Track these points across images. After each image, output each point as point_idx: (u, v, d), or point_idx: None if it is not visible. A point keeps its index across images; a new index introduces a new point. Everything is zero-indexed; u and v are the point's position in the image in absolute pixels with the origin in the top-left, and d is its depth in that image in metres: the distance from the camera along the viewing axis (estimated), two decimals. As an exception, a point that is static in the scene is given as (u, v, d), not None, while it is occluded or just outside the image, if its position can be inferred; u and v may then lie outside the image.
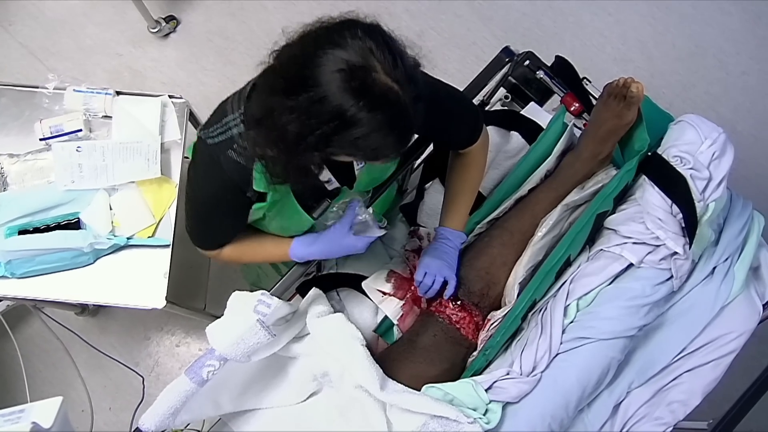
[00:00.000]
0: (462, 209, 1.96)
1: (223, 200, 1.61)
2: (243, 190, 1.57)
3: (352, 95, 1.23)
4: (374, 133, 1.28)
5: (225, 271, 3.23)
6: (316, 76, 1.24)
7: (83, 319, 3.13)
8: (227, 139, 1.49)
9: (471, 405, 1.76)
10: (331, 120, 1.25)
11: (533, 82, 2.29)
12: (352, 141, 1.29)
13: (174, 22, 3.64)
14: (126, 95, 2.35)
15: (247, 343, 1.64)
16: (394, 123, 1.30)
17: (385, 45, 1.28)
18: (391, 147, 1.35)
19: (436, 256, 1.91)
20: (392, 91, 1.27)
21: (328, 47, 1.25)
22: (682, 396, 1.94)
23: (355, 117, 1.25)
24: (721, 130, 1.99)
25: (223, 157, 1.50)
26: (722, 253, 2.03)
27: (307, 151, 1.33)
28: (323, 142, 1.30)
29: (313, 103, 1.25)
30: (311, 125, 1.27)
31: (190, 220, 1.73)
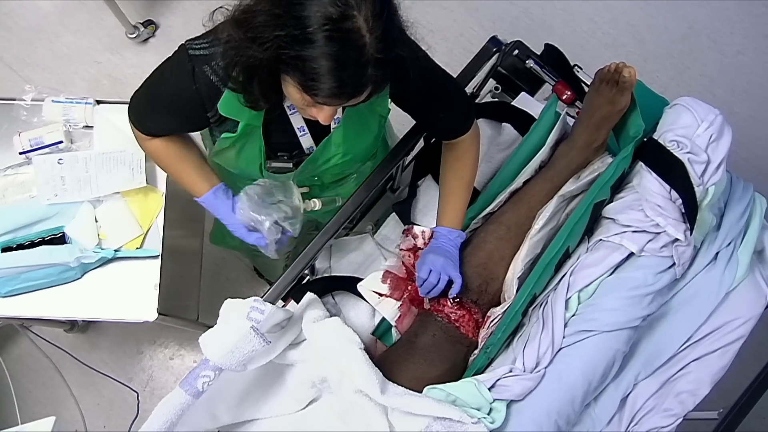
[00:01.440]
0: (458, 207, 1.97)
1: (178, 103, 1.66)
2: (204, 107, 1.62)
3: (323, 18, 1.26)
4: (322, 60, 1.29)
5: (217, 280, 3.23)
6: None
7: (73, 335, 3.13)
8: (208, 54, 1.54)
9: (474, 405, 1.76)
10: (293, 26, 1.27)
11: (523, 71, 2.29)
12: (298, 56, 1.30)
13: (152, 26, 3.64)
14: (107, 104, 2.34)
15: (242, 352, 1.64)
16: (344, 64, 1.31)
17: (379, 3, 1.31)
18: (332, 88, 1.34)
19: (439, 253, 1.91)
20: (359, 35, 1.29)
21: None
22: (690, 386, 1.94)
23: (313, 36, 1.27)
24: (717, 111, 1.99)
25: (198, 70, 1.55)
26: (725, 238, 2.04)
27: (261, 46, 1.33)
28: (277, 45, 1.31)
29: (291, 18, 1.27)
30: (276, 23, 1.29)
31: (138, 94, 1.76)
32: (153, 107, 1.75)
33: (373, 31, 1.29)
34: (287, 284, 1.88)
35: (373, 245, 2.20)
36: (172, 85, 1.63)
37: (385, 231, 2.24)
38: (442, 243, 1.94)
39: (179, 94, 1.62)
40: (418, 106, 1.78)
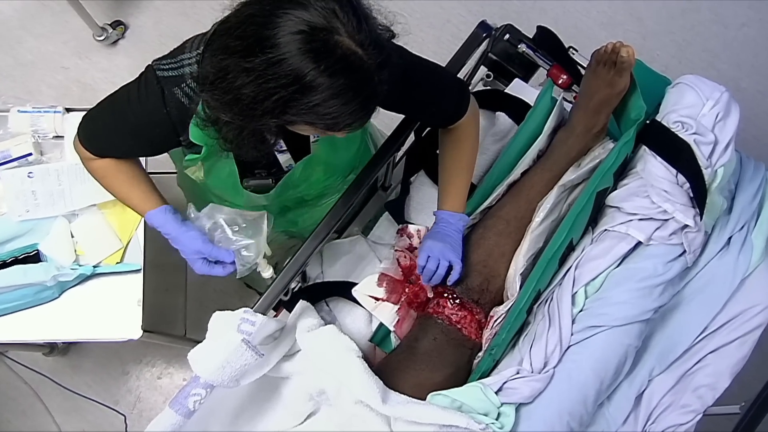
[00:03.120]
0: (460, 189, 1.96)
1: (146, 127, 1.64)
2: (176, 131, 1.61)
3: (312, 58, 1.25)
4: (334, 99, 1.29)
5: (204, 292, 3.23)
6: (274, 37, 1.25)
7: (53, 359, 3.12)
8: (178, 75, 1.53)
9: (481, 410, 1.76)
10: (289, 84, 1.26)
11: (515, 57, 2.30)
12: (311, 107, 1.30)
13: (121, 27, 3.63)
14: (77, 111, 2.34)
15: (234, 366, 1.65)
16: (356, 89, 1.31)
17: (349, 6, 1.30)
18: (353, 115, 1.36)
19: (438, 239, 1.91)
20: (355, 55, 1.29)
21: (288, 6, 1.26)
22: (708, 379, 1.95)
23: (314, 82, 1.26)
24: (723, 88, 2.00)
25: (168, 93, 1.54)
26: (737, 222, 2.05)
27: (264, 116, 1.34)
28: (280, 108, 1.31)
29: (270, 66, 1.26)
30: (268, 89, 1.28)
31: (95, 115, 1.73)
32: (114, 130, 1.71)
33: (362, 41, 1.29)
34: (278, 293, 1.88)
35: (366, 247, 2.20)
36: (139, 109, 1.61)
37: (379, 231, 2.25)
38: (441, 228, 1.94)
39: (148, 117, 1.61)
40: (409, 104, 1.79)
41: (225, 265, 1.74)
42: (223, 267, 1.74)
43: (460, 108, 1.88)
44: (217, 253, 1.72)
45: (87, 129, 1.75)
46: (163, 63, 1.56)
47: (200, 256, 1.73)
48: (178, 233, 1.74)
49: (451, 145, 1.95)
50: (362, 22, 1.30)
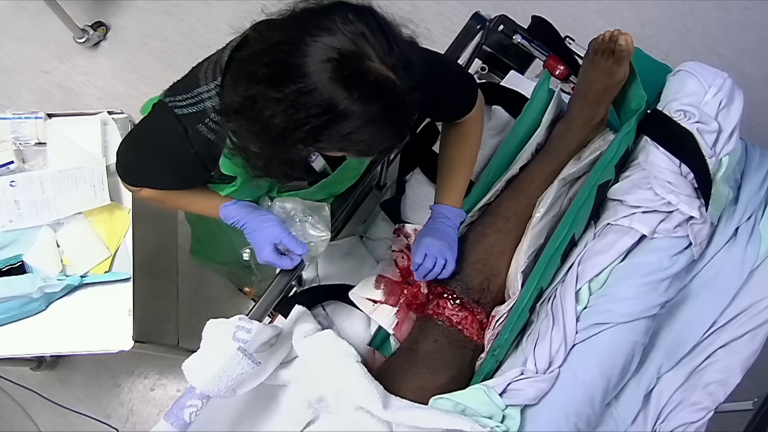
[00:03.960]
0: (459, 184, 1.97)
1: (174, 167, 1.64)
2: (206, 168, 1.59)
3: (343, 86, 1.25)
4: (368, 126, 1.29)
5: (196, 299, 3.23)
6: (303, 66, 1.25)
7: (41, 373, 3.12)
8: (199, 111, 1.50)
9: (486, 413, 1.77)
10: (321, 114, 1.26)
11: (510, 48, 2.31)
12: (344, 135, 1.30)
13: (103, 28, 3.62)
14: (59, 117, 2.34)
15: (230, 376, 1.65)
16: (390, 115, 1.31)
17: (378, 29, 1.30)
18: (388, 140, 1.36)
19: (436, 236, 1.91)
20: (388, 80, 1.28)
21: (316, 33, 1.26)
22: (719, 375, 1.95)
23: (347, 110, 1.26)
24: (726, 75, 2.01)
25: (192, 132, 1.52)
26: (744, 212, 2.06)
27: (294, 146, 1.34)
28: (312, 137, 1.31)
29: (301, 95, 1.25)
30: (299, 119, 1.28)
31: (126, 156, 1.74)
32: (148, 171, 1.72)
33: (393, 65, 1.29)
34: (273, 298, 1.88)
35: (362, 249, 2.21)
36: (164, 151, 1.61)
37: (375, 232, 2.26)
38: (439, 224, 1.94)
39: (175, 159, 1.60)
40: (423, 101, 1.80)
41: (293, 257, 1.75)
42: (291, 259, 1.75)
43: (469, 103, 1.89)
44: (294, 244, 1.72)
45: (123, 168, 1.77)
46: (179, 100, 1.52)
47: (274, 243, 1.73)
48: (257, 220, 1.75)
49: (456, 138, 1.95)
50: (393, 44, 1.30)
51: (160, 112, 1.57)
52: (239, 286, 3.13)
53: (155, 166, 1.68)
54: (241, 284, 2.99)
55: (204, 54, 1.55)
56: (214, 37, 3.53)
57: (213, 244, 2.26)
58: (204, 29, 3.65)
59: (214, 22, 3.64)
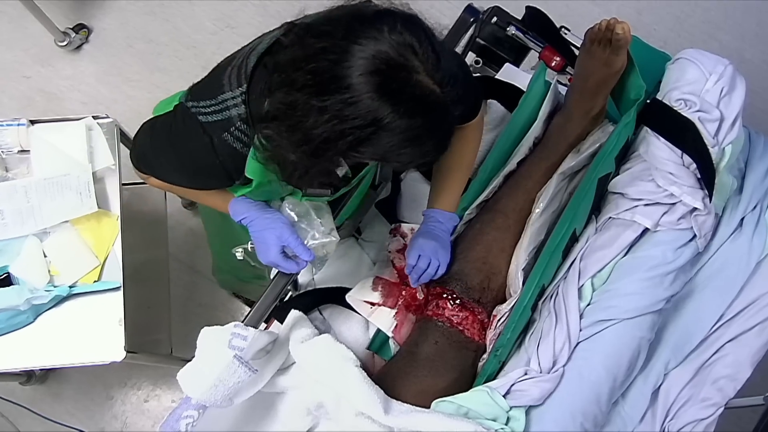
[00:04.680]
0: (455, 188, 1.98)
1: (198, 175, 1.65)
2: (231, 177, 1.60)
3: (389, 100, 1.25)
4: (412, 140, 1.30)
5: (189, 307, 3.23)
6: (349, 76, 1.24)
7: (31, 388, 3.12)
8: (224, 119, 1.50)
9: (489, 415, 1.78)
10: (365, 126, 1.26)
11: (505, 40, 2.31)
12: (387, 148, 1.30)
13: (85, 31, 3.62)
14: (43, 123, 2.33)
15: (227, 385, 1.65)
16: (433, 129, 1.32)
17: (427, 41, 1.30)
18: (428, 154, 1.37)
19: (430, 237, 1.92)
20: (434, 95, 1.29)
21: (363, 42, 1.26)
22: (728, 370, 1.96)
23: (392, 124, 1.26)
24: (726, 61, 2.01)
25: (218, 141, 1.51)
26: (749, 201, 2.07)
27: (334, 156, 1.34)
28: (353, 147, 1.31)
29: (345, 106, 1.25)
30: (342, 130, 1.27)
31: (147, 148, 1.73)
32: (163, 168, 1.72)
33: (440, 79, 1.30)
34: (269, 304, 1.88)
35: (358, 250, 2.21)
36: (187, 159, 1.61)
37: (371, 233, 2.26)
38: (431, 227, 1.95)
39: (197, 167, 1.61)
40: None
41: (300, 262, 1.75)
42: (298, 263, 1.75)
43: (475, 108, 1.89)
44: (302, 249, 1.72)
45: (138, 158, 1.77)
46: (203, 106, 1.52)
47: (281, 245, 1.73)
48: (266, 220, 1.74)
49: (454, 143, 1.92)
50: (440, 58, 1.30)
51: (183, 119, 1.56)
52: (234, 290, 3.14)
53: (175, 167, 1.68)
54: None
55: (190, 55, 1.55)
56: (200, 37, 3.54)
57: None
58: (189, 29, 3.63)
59: (200, 21, 3.63)
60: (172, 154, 1.64)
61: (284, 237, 1.72)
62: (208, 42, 3.53)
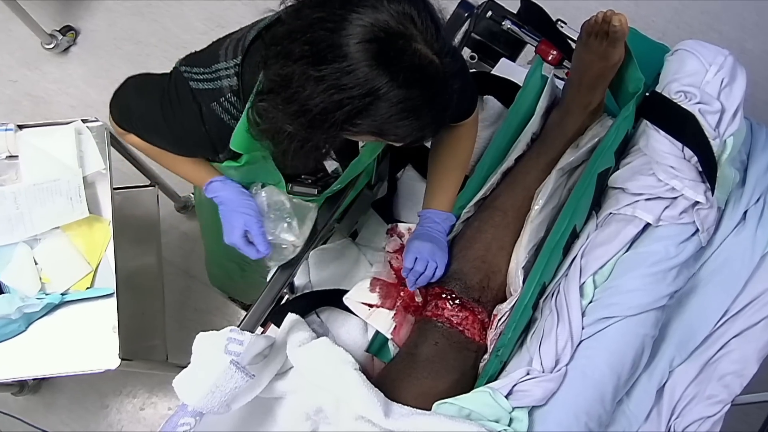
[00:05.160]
0: (450, 188, 1.99)
1: (182, 141, 1.66)
2: (215, 149, 1.61)
3: (387, 69, 1.26)
4: (409, 111, 1.31)
5: (184, 312, 3.23)
6: (347, 44, 1.25)
7: (23, 398, 3.12)
8: (215, 89, 1.51)
9: (492, 417, 1.78)
10: (363, 95, 1.27)
11: (500, 35, 2.31)
12: (384, 119, 1.31)
13: (72, 33, 3.63)
14: (31, 128, 2.33)
15: (224, 391, 1.65)
16: (432, 101, 1.33)
17: (426, 11, 1.31)
18: (426, 127, 1.38)
19: (426, 239, 1.93)
20: (432, 65, 1.30)
21: (361, 10, 1.26)
22: (734, 366, 1.96)
23: (390, 93, 1.27)
24: (727, 52, 2.01)
25: (206, 109, 1.53)
26: (752, 194, 2.06)
27: (332, 128, 1.34)
28: (351, 119, 1.32)
29: (343, 75, 1.26)
30: (340, 100, 1.28)
31: (131, 103, 1.74)
32: (147, 128, 1.73)
33: (439, 49, 1.31)
34: (266, 308, 1.89)
35: (355, 251, 2.21)
36: (174, 122, 1.61)
37: (367, 233, 2.26)
38: (427, 228, 1.95)
39: (184, 132, 1.62)
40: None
41: (258, 251, 1.76)
42: (257, 252, 1.76)
43: (472, 106, 1.90)
44: (260, 241, 1.74)
45: (121, 113, 1.77)
46: (196, 72, 1.54)
47: (245, 229, 1.74)
48: (236, 202, 1.76)
49: (450, 142, 1.96)
50: (440, 28, 1.31)
51: (176, 83, 1.57)
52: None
53: (161, 130, 1.68)
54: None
55: (180, 55, 1.56)
56: (190, 37, 3.54)
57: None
58: (178, 29, 3.64)
59: (189, 21, 3.64)
60: (160, 115, 1.64)
61: (249, 223, 1.74)
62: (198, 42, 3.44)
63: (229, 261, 2.42)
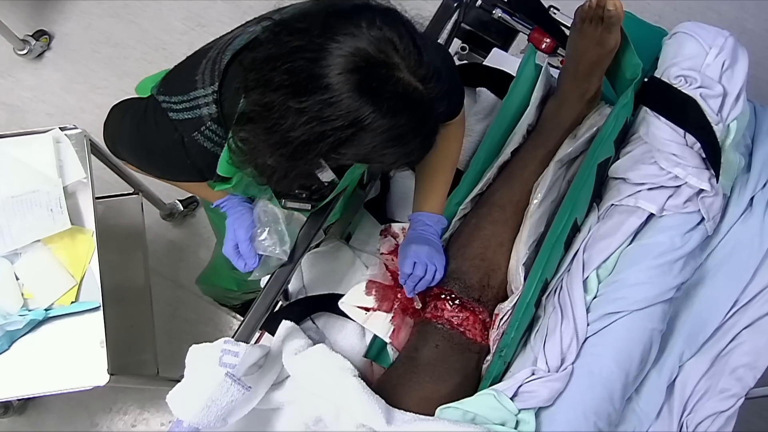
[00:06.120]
0: (440, 189, 1.99)
1: (169, 172, 1.68)
2: (203, 176, 1.61)
3: (370, 99, 1.25)
4: (394, 140, 1.31)
5: (174, 323, 3.22)
6: (327, 75, 1.25)
7: (8, 420, 3.11)
8: (195, 118, 1.51)
9: (497, 420, 1.78)
10: (346, 127, 1.27)
11: (491, 24, 2.32)
12: (370, 149, 1.31)
13: (46, 38, 3.61)
14: (6, 137, 2.32)
15: (220, 405, 1.65)
16: (418, 127, 1.33)
17: (407, 36, 1.31)
18: (413, 153, 1.38)
19: (422, 242, 1.93)
20: (417, 92, 1.30)
21: (340, 39, 1.26)
22: (746, 358, 1.96)
23: (374, 124, 1.27)
24: (727, 33, 2.02)
25: (188, 139, 1.52)
26: (758, 179, 2.08)
27: (315, 159, 1.35)
28: (333, 150, 1.31)
29: (325, 107, 1.26)
30: (322, 132, 1.28)
31: (118, 137, 1.75)
32: (138, 159, 1.74)
33: (423, 76, 1.31)
34: (260, 317, 1.88)
35: (349, 254, 2.21)
36: (158, 157, 1.63)
37: (361, 235, 2.26)
38: (421, 231, 1.96)
39: (169, 164, 1.63)
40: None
41: (247, 264, 1.78)
42: (245, 265, 1.77)
43: (460, 104, 1.91)
44: (248, 254, 1.76)
45: (114, 145, 1.79)
46: (174, 102, 1.53)
47: (235, 241, 1.77)
48: (235, 212, 1.79)
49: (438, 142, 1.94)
50: (422, 53, 1.31)
51: (154, 115, 1.57)
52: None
53: (147, 161, 1.70)
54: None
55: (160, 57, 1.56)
56: (169, 38, 3.53)
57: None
58: (157, 30, 3.63)
59: (168, 21, 3.63)
60: (142, 149, 1.66)
61: (239, 236, 1.76)
62: (178, 42, 3.53)
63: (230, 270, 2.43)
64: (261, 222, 1.78)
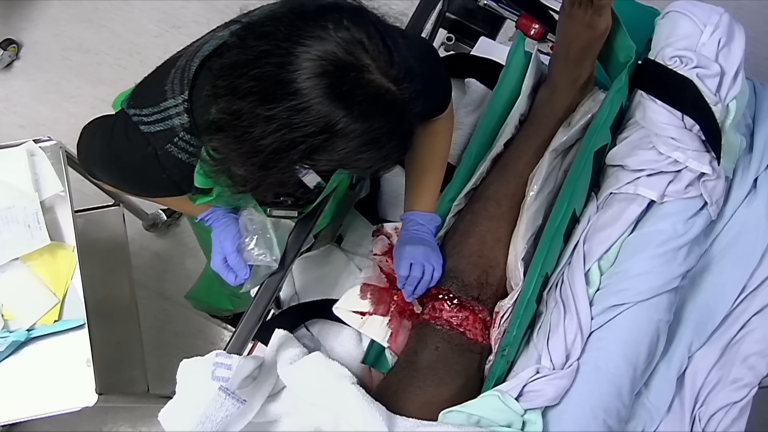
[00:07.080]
0: (431, 187, 1.99)
1: (146, 188, 1.68)
2: (180, 189, 1.61)
3: (341, 104, 1.25)
4: (368, 144, 1.31)
5: (163, 337, 3.21)
6: (295, 80, 1.25)
7: (-6, 447, 3.12)
8: (167, 129, 1.50)
9: (503, 422, 1.78)
10: (317, 133, 1.27)
11: (477, 12, 2.32)
12: (344, 155, 1.31)
13: (14, 47, 3.61)
14: (-21, 153, 2.32)
15: (214, 420, 1.65)
16: (393, 130, 1.33)
17: (377, 35, 1.30)
18: (389, 156, 1.38)
19: (417, 242, 1.93)
20: (389, 93, 1.30)
21: (307, 41, 1.26)
22: (757, 346, 1.97)
23: (346, 129, 1.27)
24: (721, 10, 2.03)
25: (162, 152, 1.52)
26: (761, 159, 2.08)
27: (288, 167, 1.35)
28: (306, 156, 1.32)
29: (294, 114, 1.26)
30: (293, 139, 1.28)
31: (92, 157, 1.75)
32: (114, 180, 1.74)
33: (395, 76, 1.31)
34: (252, 327, 1.87)
35: (342, 257, 2.22)
36: (133, 174, 1.63)
37: (353, 237, 2.26)
38: (414, 231, 1.96)
39: (144, 181, 1.63)
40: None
41: (238, 277, 1.77)
42: (235, 278, 1.77)
43: (446, 98, 1.91)
44: (238, 266, 1.76)
45: (88, 166, 1.80)
46: (145, 114, 1.52)
47: (223, 255, 1.77)
48: (220, 224, 1.80)
49: (426, 139, 1.95)
50: (393, 52, 1.31)
51: (125, 130, 1.56)
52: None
53: (122, 180, 1.70)
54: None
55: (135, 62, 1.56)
56: (143, 41, 3.53)
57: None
58: (130, 34, 3.62)
59: (141, 24, 3.62)
60: (115, 167, 1.66)
61: (226, 248, 1.77)
62: (153, 45, 3.53)
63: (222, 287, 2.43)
64: (248, 231, 1.78)
